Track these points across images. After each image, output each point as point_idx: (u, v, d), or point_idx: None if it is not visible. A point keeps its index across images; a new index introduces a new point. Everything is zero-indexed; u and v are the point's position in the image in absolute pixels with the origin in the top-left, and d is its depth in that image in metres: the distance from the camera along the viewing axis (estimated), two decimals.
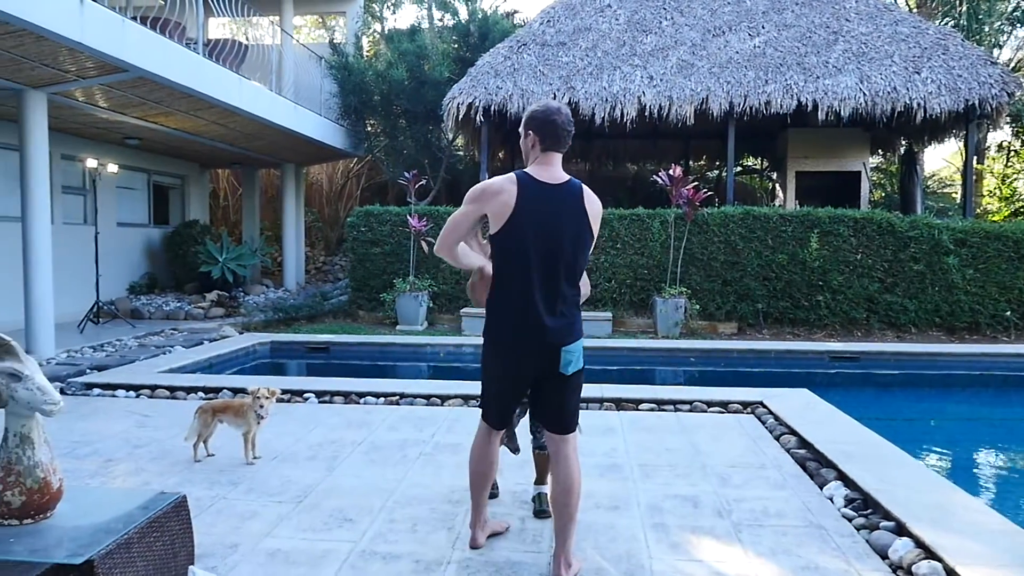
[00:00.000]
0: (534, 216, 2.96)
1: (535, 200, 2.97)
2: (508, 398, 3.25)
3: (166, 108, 10.19)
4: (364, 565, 3.21)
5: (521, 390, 3.23)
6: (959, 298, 11.00)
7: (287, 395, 6.41)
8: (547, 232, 2.97)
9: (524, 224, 2.96)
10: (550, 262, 2.98)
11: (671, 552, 3.36)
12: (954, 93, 11.39)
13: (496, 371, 3.19)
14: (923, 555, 3.14)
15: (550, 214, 2.97)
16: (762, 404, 5.95)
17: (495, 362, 3.17)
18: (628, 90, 11.99)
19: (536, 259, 2.98)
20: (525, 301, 3.01)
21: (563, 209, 2.99)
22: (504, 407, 3.27)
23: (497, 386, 3.23)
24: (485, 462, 3.33)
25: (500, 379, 3.20)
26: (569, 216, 2.99)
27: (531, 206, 2.96)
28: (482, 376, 3.29)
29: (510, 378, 3.17)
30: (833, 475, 4.29)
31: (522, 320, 3.02)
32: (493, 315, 3.12)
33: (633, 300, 11.61)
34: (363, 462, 4.66)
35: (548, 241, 2.97)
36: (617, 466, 4.60)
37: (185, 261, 14.25)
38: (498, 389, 3.24)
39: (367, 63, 15.63)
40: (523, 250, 2.98)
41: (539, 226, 2.96)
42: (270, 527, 3.62)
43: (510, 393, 3.23)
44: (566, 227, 2.98)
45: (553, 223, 2.97)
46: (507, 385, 3.21)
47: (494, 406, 3.27)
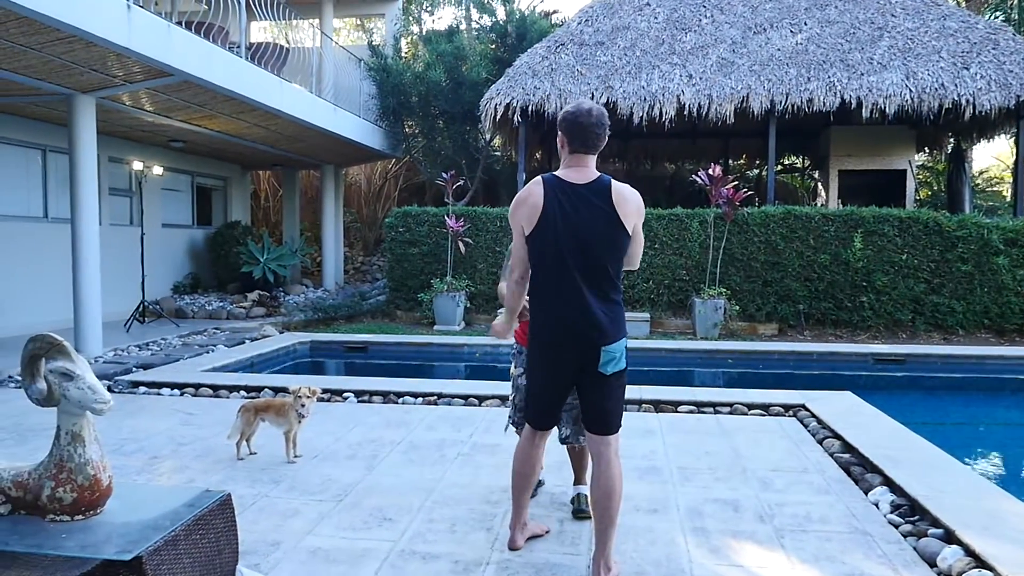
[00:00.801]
0: (561, 217, 2.97)
1: (562, 201, 2.99)
2: (548, 397, 3.23)
3: (209, 111, 10.38)
4: (403, 564, 3.22)
5: (561, 390, 3.21)
6: (1009, 299, 10.71)
7: (327, 394, 6.48)
8: (575, 232, 2.97)
9: (552, 225, 2.98)
10: (581, 261, 2.98)
11: (711, 556, 3.32)
12: (1005, 89, 11.08)
13: (537, 370, 3.21)
14: (973, 564, 3.06)
15: (577, 214, 2.97)
16: (804, 407, 5.85)
17: (538, 364, 3.19)
18: (667, 89, 11.89)
19: (567, 259, 2.99)
20: (560, 301, 3.02)
21: (590, 208, 2.97)
22: (545, 407, 3.25)
23: (537, 385, 3.24)
24: (528, 464, 3.32)
25: (540, 378, 3.21)
26: (597, 215, 2.97)
27: (558, 207, 2.98)
28: (528, 378, 3.31)
29: (549, 377, 3.17)
30: (878, 480, 4.20)
31: (558, 319, 3.04)
32: (533, 315, 3.16)
33: (671, 301, 11.51)
34: (402, 461, 4.69)
35: (577, 241, 2.97)
36: (656, 468, 4.56)
37: (227, 261, 14.50)
38: (538, 388, 3.24)
39: (405, 65, 15.74)
40: (553, 251, 3.00)
41: (567, 226, 2.97)
42: (311, 525, 3.66)
43: (550, 392, 3.22)
44: (594, 226, 2.97)
45: (581, 223, 2.97)
46: (546, 384, 3.20)
47: (534, 405, 3.28)
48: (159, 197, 13.68)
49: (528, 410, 3.32)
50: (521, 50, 14.43)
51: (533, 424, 3.30)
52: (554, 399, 3.25)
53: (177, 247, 14.48)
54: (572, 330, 3.01)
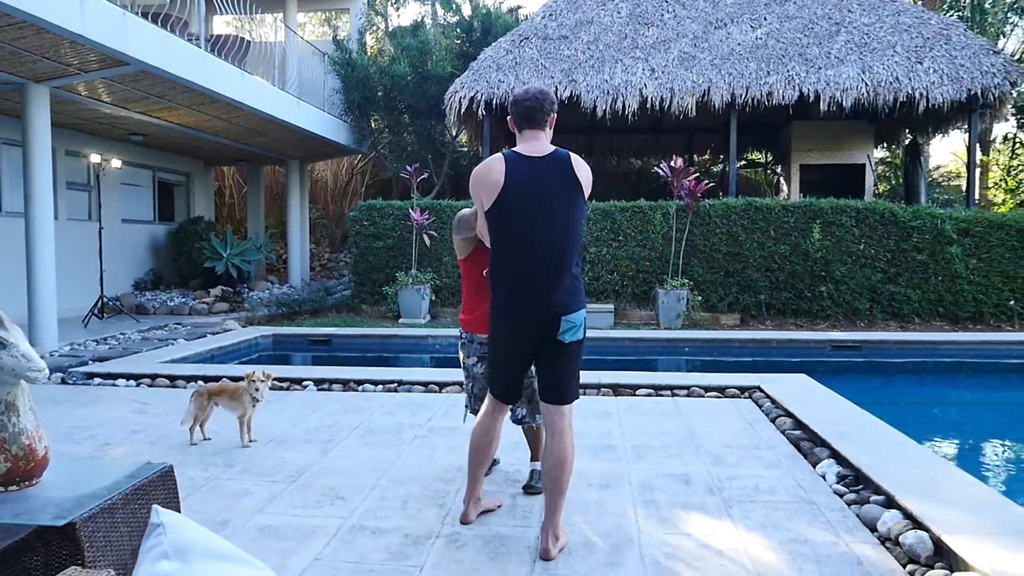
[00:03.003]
0: (524, 188, 3.04)
1: (523, 173, 3.06)
2: (511, 368, 3.26)
3: (169, 103, 10.24)
4: (353, 539, 3.22)
5: (526, 360, 3.24)
6: (962, 288, 10.95)
7: (286, 383, 6.44)
8: (538, 202, 3.04)
9: (515, 197, 3.05)
10: (544, 231, 3.03)
11: (660, 526, 3.37)
12: (956, 83, 11.33)
13: (500, 343, 3.25)
14: (910, 525, 3.14)
15: (539, 185, 3.04)
16: (759, 388, 5.94)
17: (499, 335, 3.24)
18: (630, 82, 11.98)
19: (532, 230, 3.04)
20: (523, 271, 3.08)
21: (552, 178, 3.05)
22: (508, 379, 3.29)
23: (501, 358, 3.28)
24: (487, 437, 3.36)
25: (503, 348, 3.25)
26: (559, 184, 3.05)
27: (519, 179, 3.05)
28: (488, 349, 3.36)
29: (512, 347, 3.21)
30: (827, 454, 4.29)
31: (521, 289, 3.09)
32: (496, 287, 3.20)
33: (636, 292, 11.60)
34: (358, 444, 4.68)
35: (540, 211, 3.03)
36: (611, 447, 4.60)
37: (190, 257, 14.33)
38: (502, 359, 3.28)
39: (370, 59, 15.67)
40: (517, 222, 3.06)
41: (530, 197, 3.04)
42: (262, 504, 3.64)
43: (513, 363, 3.25)
44: (557, 196, 3.04)
45: (543, 193, 3.04)
46: (509, 354, 3.23)
47: (499, 379, 3.31)
48: (119, 192, 13.47)
49: (494, 384, 3.34)
50: (486, 45, 14.44)
51: (498, 397, 3.33)
52: (519, 370, 3.28)
53: (138, 243, 14.26)
54: (535, 299, 3.07)
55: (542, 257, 3.04)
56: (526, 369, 3.29)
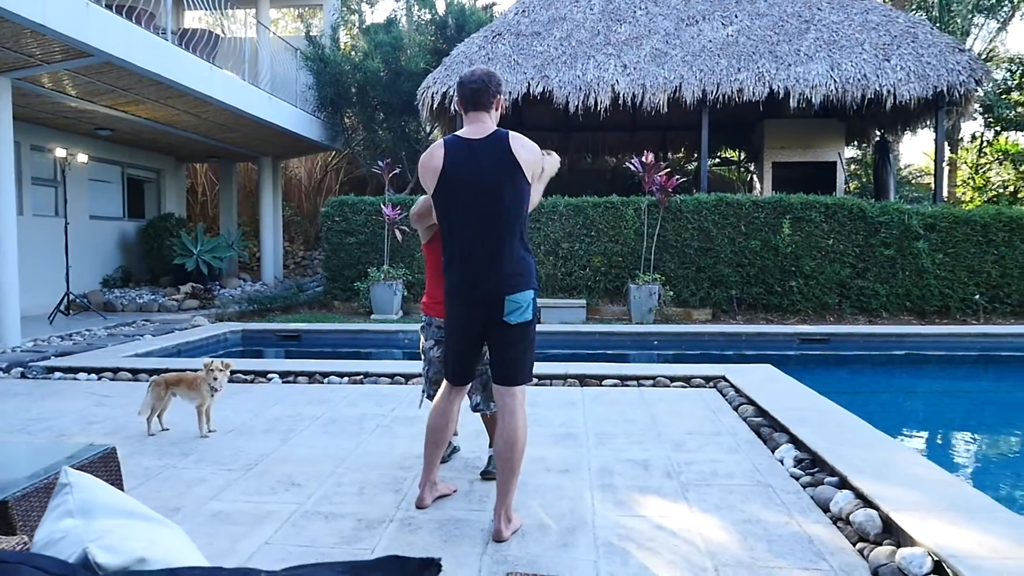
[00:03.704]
0: (463, 171, 3.05)
1: (462, 157, 3.06)
2: (460, 350, 3.26)
3: (135, 96, 10.11)
4: (305, 524, 3.20)
5: (473, 342, 3.24)
6: (929, 282, 11.09)
7: (250, 376, 6.38)
8: (477, 185, 3.03)
9: (454, 181, 3.06)
10: (486, 213, 3.03)
11: (616, 509, 3.37)
12: (923, 80, 11.48)
13: (451, 326, 3.26)
14: (861, 505, 3.16)
15: (477, 167, 3.04)
16: (724, 378, 5.97)
17: (450, 317, 3.25)
18: (602, 79, 12.01)
19: (472, 212, 3.05)
20: (465, 253, 3.09)
21: (490, 160, 3.04)
22: (460, 362, 3.29)
23: (452, 340, 3.28)
24: (443, 419, 3.35)
25: (454, 333, 3.25)
26: (497, 166, 3.03)
27: (458, 163, 3.06)
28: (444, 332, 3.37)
29: (460, 329, 3.21)
30: (785, 439, 4.32)
31: (465, 271, 3.10)
32: (444, 270, 3.21)
33: (608, 287, 11.63)
34: (319, 433, 4.65)
35: (480, 193, 3.03)
36: (573, 435, 4.60)
37: (160, 254, 14.17)
38: (453, 343, 3.28)
39: (344, 55, 15.58)
40: (458, 205, 3.07)
41: (469, 180, 3.04)
42: (216, 492, 3.60)
43: (462, 345, 3.25)
44: (495, 177, 3.03)
45: (482, 175, 3.03)
46: (460, 337, 3.23)
47: (451, 361, 3.31)
48: (86, 188, 13.28)
49: (446, 367, 3.35)
50: (460, 41, 14.39)
51: (452, 380, 3.33)
52: (469, 353, 3.28)
53: (107, 240, 14.07)
54: (478, 281, 3.07)
55: (482, 239, 3.04)
56: (477, 351, 3.28)
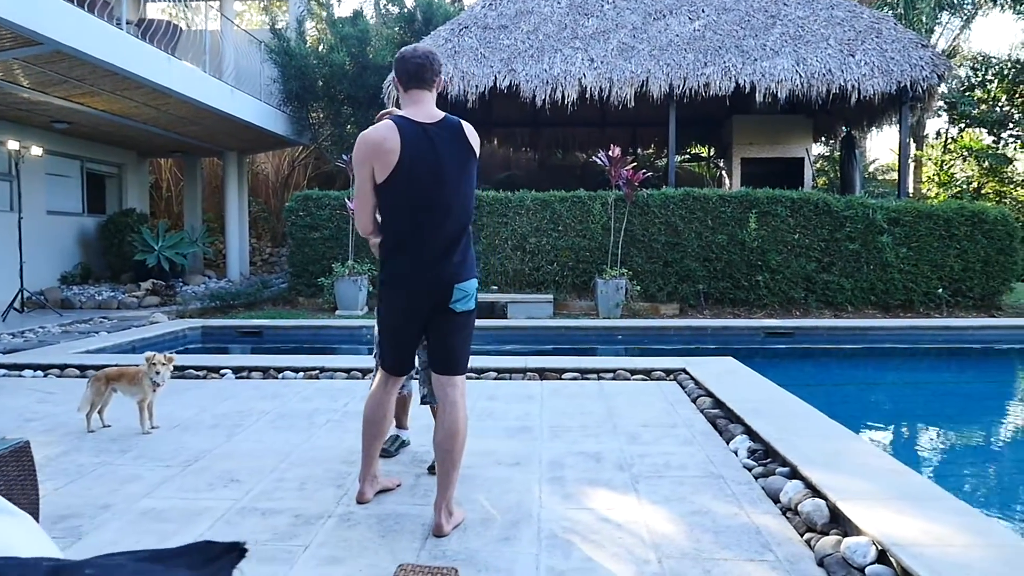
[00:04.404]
0: (420, 158, 2.92)
1: (418, 142, 2.92)
2: (403, 340, 3.16)
3: (90, 87, 9.87)
4: (240, 521, 3.08)
5: (416, 330, 3.13)
6: (893, 276, 11.17)
7: (203, 371, 6.22)
8: (435, 172, 2.93)
9: (411, 168, 2.91)
10: (441, 202, 2.94)
11: (563, 502, 3.29)
12: (887, 75, 11.55)
13: (390, 313, 3.13)
14: (810, 495, 3.11)
15: (435, 154, 2.93)
16: (684, 371, 5.92)
17: (390, 304, 3.11)
18: (569, 72, 11.95)
19: (426, 200, 2.94)
20: (421, 243, 2.97)
21: (448, 148, 2.95)
22: (400, 351, 3.18)
23: (392, 328, 3.17)
24: (380, 410, 3.24)
25: (394, 320, 3.13)
26: (453, 153, 2.95)
27: (415, 149, 2.92)
28: (378, 323, 3.25)
29: (403, 318, 3.10)
30: (740, 430, 4.26)
31: (416, 261, 2.98)
32: (388, 258, 3.06)
33: (576, 283, 11.58)
34: (267, 429, 4.52)
35: (437, 181, 2.93)
36: (527, 428, 4.52)
37: (121, 250, 13.87)
38: (393, 331, 3.17)
39: (310, 49, 15.37)
40: (414, 193, 2.94)
41: (426, 167, 2.92)
42: (150, 489, 3.46)
43: (404, 334, 3.14)
44: (452, 165, 2.95)
45: (440, 162, 2.93)
46: (400, 325, 3.12)
47: (390, 351, 3.20)
48: (43, 182, 12.96)
49: (385, 356, 3.22)
50: (427, 34, 14.25)
51: (390, 369, 3.23)
52: (412, 342, 3.19)
53: (65, 235, 13.75)
54: (430, 270, 2.97)
55: (438, 228, 2.95)
56: (417, 340, 3.18)
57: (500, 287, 11.51)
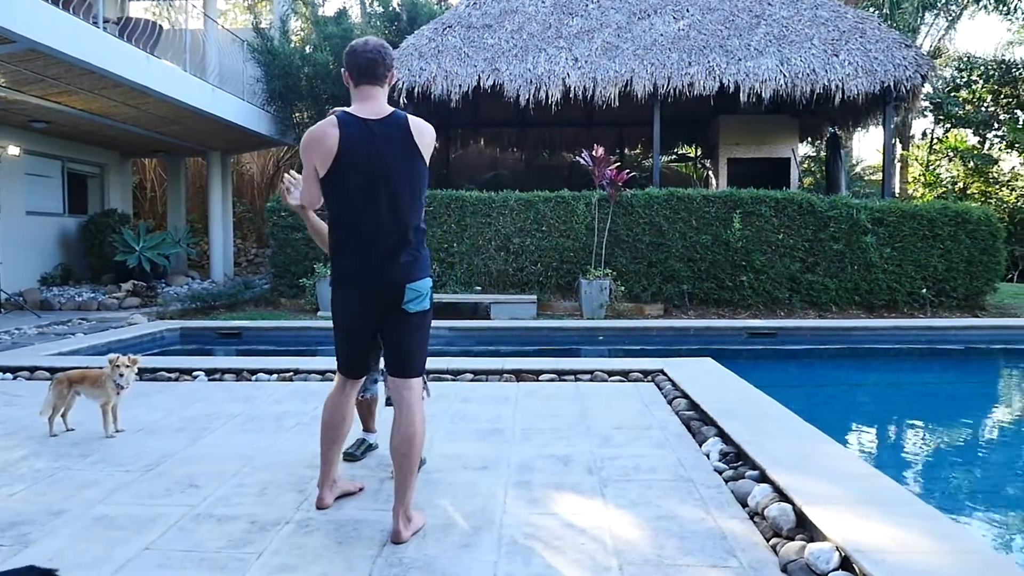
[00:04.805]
0: (361, 154, 2.87)
1: (359, 138, 2.88)
2: (355, 340, 3.12)
3: (67, 85, 9.75)
4: (194, 527, 3.00)
5: (369, 331, 3.08)
6: (877, 276, 11.15)
7: (175, 373, 6.13)
8: (377, 169, 2.88)
9: (352, 164, 2.88)
10: (385, 199, 2.89)
11: (528, 507, 3.22)
12: (870, 75, 11.55)
13: (342, 312, 3.10)
14: (777, 499, 3.06)
15: (377, 150, 2.87)
16: (662, 372, 5.86)
17: (341, 303, 3.08)
18: (553, 72, 11.90)
19: (371, 198, 2.89)
20: (365, 241, 2.93)
21: (390, 144, 2.89)
22: (354, 352, 3.15)
23: (344, 328, 3.13)
24: (337, 414, 3.20)
25: (345, 320, 3.10)
26: (397, 150, 2.89)
27: (356, 145, 2.87)
28: (333, 324, 3.18)
29: (354, 318, 3.06)
30: (713, 432, 4.21)
31: (364, 260, 2.94)
32: (337, 259, 3.04)
33: (560, 283, 11.52)
34: (234, 432, 4.44)
35: (379, 178, 2.88)
36: (499, 431, 4.45)
37: (102, 251, 13.73)
38: (345, 332, 3.13)
39: (294, 48, 15.26)
40: (356, 190, 2.90)
41: (368, 164, 2.87)
42: (106, 494, 3.38)
43: (357, 335, 3.10)
44: (396, 162, 2.89)
45: (381, 160, 2.88)
46: (352, 325, 3.09)
47: (343, 351, 3.17)
48: (22, 182, 12.81)
49: (339, 357, 3.19)
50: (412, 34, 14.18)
51: (345, 372, 3.19)
52: (365, 344, 3.14)
53: (45, 236, 13.60)
54: (378, 269, 2.92)
55: (382, 226, 2.89)
56: (372, 341, 3.13)
57: (484, 288, 11.44)
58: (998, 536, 3.67)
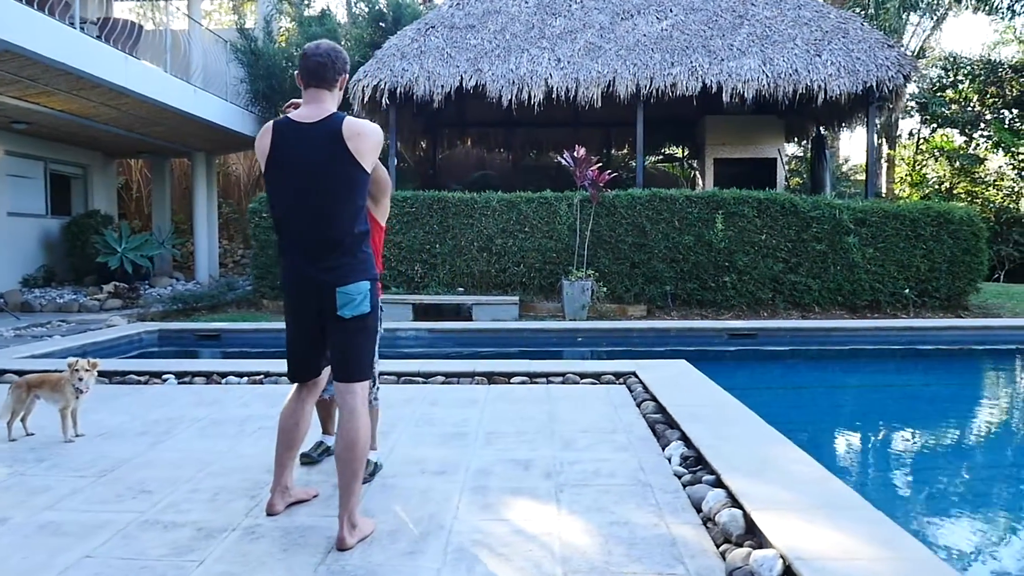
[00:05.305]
0: (287, 158, 2.91)
1: (288, 142, 2.91)
2: (296, 343, 3.13)
3: (44, 86, 9.68)
4: (139, 534, 2.96)
5: (310, 337, 3.07)
6: (860, 277, 11.16)
7: (144, 376, 6.08)
8: (304, 172, 2.89)
9: (278, 167, 2.94)
10: (313, 202, 2.90)
11: (480, 512, 3.19)
12: (853, 75, 11.55)
13: (286, 317, 3.14)
14: (729, 504, 3.03)
15: (303, 154, 2.89)
16: (634, 374, 5.84)
17: (285, 308, 3.13)
18: (535, 72, 11.87)
19: (300, 200, 2.92)
20: (292, 243, 2.97)
21: (317, 147, 2.88)
22: (294, 355, 3.16)
23: (288, 333, 3.15)
24: (291, 420, 3.20)
25: (289, 324, 3.13)
26: (324, 153, 2.88)
27: (284, 150, 2.92)
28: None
29: (292, 320, 3.09)
30: (677, 435, 4.19)
31: (295, 262, 2.97)
32: (280, 259, 3.10)
33: (542, 284, 11.49)
34: (195, 436, 4.40)
35: (307, 181, 2.89)
36: (463, 434, 4.42)
37: (84, 252, 13.65)
38: (289, 336, 3.15)
39: (278, 48, 15.21)
40: (286, 192, 2.95)
41: (293, 168, 2.91)
42: (56, 501, 3.34)
43: (297, 339, 3.11)
44: (324, 165, 2.88)
45: (307, 163, 2.88)
46: (291, 328, 3.12)
47: (288, 356, 3.18)
48: (3, 183, 12.73)
49: (287, 362, 3.19)
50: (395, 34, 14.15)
51: (289, 376, 3.21)
52: (305, 347, 3.13)
53: (28, 237, 13.52)
54: (307, 271, 2.93)
55: (311, 229, 2.90)
56: (313, 347, 3.11)
57: (466, 289, 11.41)
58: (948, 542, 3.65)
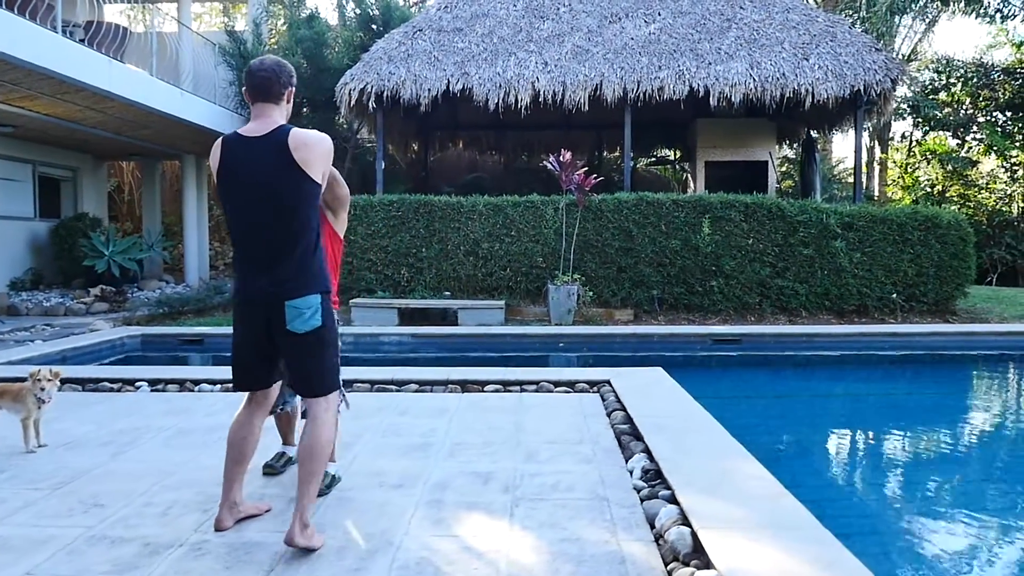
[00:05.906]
0: (234, 172, 2.94)
1: (237, 157, 2.94)
2: (245, 357, 3.13)
3: (27, 90, 9.66)
4: (85, 550, 2.94)
5: (256, 349, 3.08)
6: (847, 281, 11.13)
7: (118, 384, 6.05)
8: (250, 186, 2.92)
9: (225, 182, 2.97)
10: (258, 216, 2.92)
11: (431, 528, 3.17)
12: (840, 79, 11.52)
13: (234, 327, 3.15)
14: (679, 521, 3.01)
15: (250, 168, 2.91)
16: (608, 383, 5.82)
17: (233, 318, 3.15)
18: (522, 75, 11.85)
19: (248, 213, 2.94)
20: (244, 256, 3.00)
21: (264, 161, 2.90)
22: (241, 368, 3.16)
23: (235, 343, 3.15)
24: (240, 433, 3.19)
25: (236, 335, 3.14)
26: (270, 167, 2.89)
27: (233, 164, 2.94)
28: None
29: (242, 335, 3.09)
30: (640, 447, 4.16)
31: (242, 275, 3.01)
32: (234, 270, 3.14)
33: (529, 288, 11.47)
34: (159, 447, 4.38)
35: (255, 194, 2.91)
36: (428, 445, 4.40)
37: (72, 255, 13.63)
38: (234, 345, 3.16)
39: (267, 51, 15.18)
40: (235, 206, 2.98)
41: (242, 181, 2.93)
42: (7, 514, 3.32)
43: (243, 350, 3.11)
44: (270, 178, 2.89)
45: (253, 177, 2.90)
46: (239, 340, 3.12)
47: (234, 365, 3.19)
48: None
49: (232, 368, 3.21)
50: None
51: (233, 383, 3.23)
52: (251, 359, 3.13)
53: (15, 240, 13.50)
54: (255, 284, 2.95)
55: (257, 242, 2.93)
56: (259, 357, 3.11)
57: (452, 293, 11.39)
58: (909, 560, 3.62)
